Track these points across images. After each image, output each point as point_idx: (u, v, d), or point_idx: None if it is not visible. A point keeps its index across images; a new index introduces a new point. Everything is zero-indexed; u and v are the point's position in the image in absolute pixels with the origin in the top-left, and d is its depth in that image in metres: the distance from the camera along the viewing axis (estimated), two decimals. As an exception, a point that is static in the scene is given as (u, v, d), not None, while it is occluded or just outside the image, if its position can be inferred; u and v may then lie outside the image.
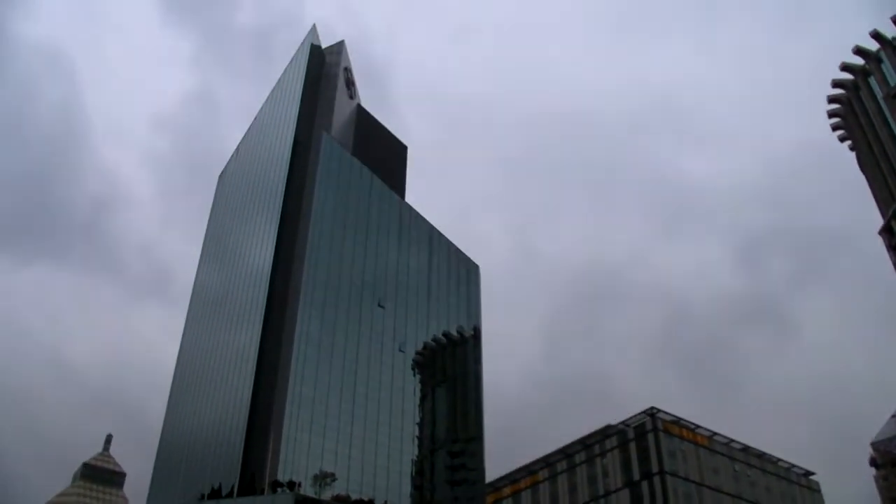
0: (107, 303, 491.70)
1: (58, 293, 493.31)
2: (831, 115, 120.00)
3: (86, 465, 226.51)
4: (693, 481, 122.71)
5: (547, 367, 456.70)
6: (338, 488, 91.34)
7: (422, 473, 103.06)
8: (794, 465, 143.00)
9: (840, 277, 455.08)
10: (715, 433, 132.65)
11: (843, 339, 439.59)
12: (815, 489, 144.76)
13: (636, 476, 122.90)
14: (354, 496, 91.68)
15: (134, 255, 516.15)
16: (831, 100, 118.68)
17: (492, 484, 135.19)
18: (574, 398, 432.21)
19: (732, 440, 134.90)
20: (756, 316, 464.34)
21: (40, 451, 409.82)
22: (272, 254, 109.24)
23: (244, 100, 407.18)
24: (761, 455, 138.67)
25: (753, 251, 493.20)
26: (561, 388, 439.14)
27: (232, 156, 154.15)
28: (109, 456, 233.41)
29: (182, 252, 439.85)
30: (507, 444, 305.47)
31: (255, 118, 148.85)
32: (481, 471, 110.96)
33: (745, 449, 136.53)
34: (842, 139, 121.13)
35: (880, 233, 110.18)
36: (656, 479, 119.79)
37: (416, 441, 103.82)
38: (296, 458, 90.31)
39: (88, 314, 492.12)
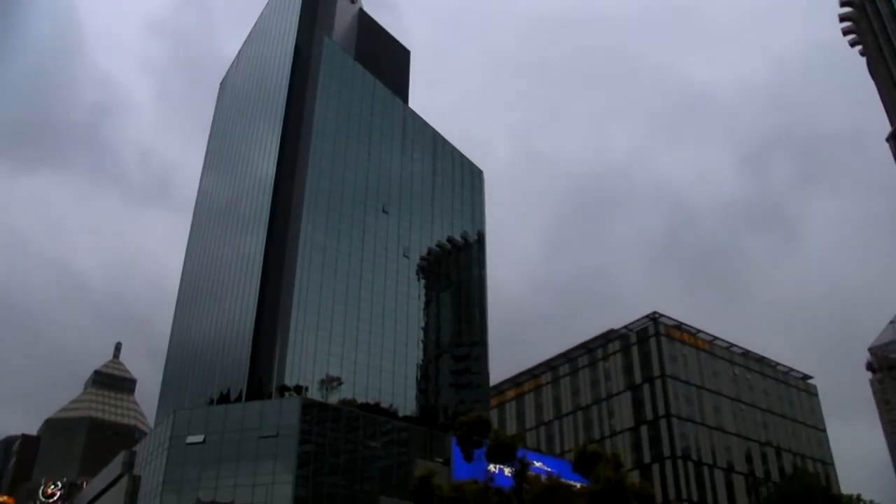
0: (109, 210, 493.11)
1: (58, 201, 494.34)
2: (843, 18, 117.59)
3: (97, 373, 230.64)
4: (693, 384, 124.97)
5: (549, 271, 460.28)
6: (344, 392, 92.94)
7: (427, 377, 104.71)
8: (792, 369, 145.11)
9: (845, 183, 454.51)
10: (716, 338, 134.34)
11: (845, 245, 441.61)
12: (812, 392, 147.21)
13: (638, 379, 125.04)
14: (360, 400, 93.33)
15: (134, 162, 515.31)
16: (844, 2, 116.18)
17: (496, 387, 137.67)
18: (576, 302, 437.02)
19: (733, 345, 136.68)
20: (759, 221, 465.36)
21: (51, 360, 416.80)
22: (275, 161, 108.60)
23: (243, 5, 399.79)
24: (761, 359, 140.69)
25: (758, 155, 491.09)
26: (563, 292, 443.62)
27: (232, 63, 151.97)
28: (120, 363, 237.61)
29: (183, 158, 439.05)
30: (510, 349, 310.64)
31: (255, 24, 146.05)
32: (485, 374, 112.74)
33: (745, 353, 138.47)
34: (853, 44, 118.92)
35: (887, 140, 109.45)
36: (657, 383, 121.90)
37: (421, 345, 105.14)
38: (302, 363, 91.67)
39: (91, 222, 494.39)
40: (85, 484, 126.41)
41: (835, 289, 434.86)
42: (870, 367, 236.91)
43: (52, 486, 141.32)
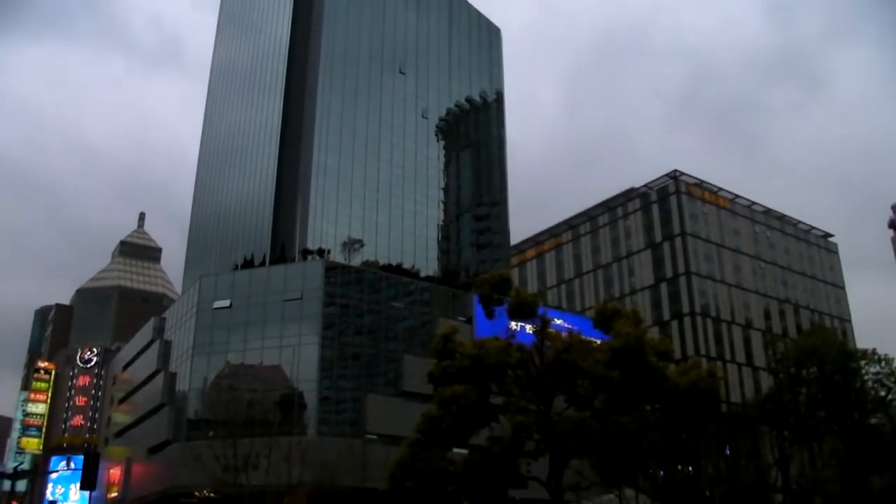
0: (120, 76, 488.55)
1: (67, 69, 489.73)
2: None
3: (123, 243, 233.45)
4: (714, 242, 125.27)
5: (569, 130, 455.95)
6: (366, 254, 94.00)
7: (448, 237, 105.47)
8: (813, 227, 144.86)
9: (875, 32, 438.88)
10: (737, 196, 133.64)
11: (873, 98, 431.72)
12: (832, 250, 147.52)
13: (658, 238, 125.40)
14: (382, 261, 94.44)
15: (143, 25, 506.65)
16: None
17: (516, 246, 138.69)
18: (596, 161, 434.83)
19: (754, 203, 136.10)
20: (785, 72, 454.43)
21: (77, 232, 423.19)
22: (289, 25, 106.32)
23: None
24: (781, 217, 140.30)
25: (784, 2, 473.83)
26: (583, 150, 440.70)
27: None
28: (144, 232, 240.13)
29: (194, 21, 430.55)
30: (530, 208, 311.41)
31: None
32: (506, 234, 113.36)
33: (766, 211, 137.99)
34: None
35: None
36: (678, 241, 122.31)
37: (442, 206, 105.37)
38: (324, 227, 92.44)
39: (103, 90, 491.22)
40: (119, 349, 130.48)
41: (861, 144, 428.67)
42: (892, 224, 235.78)
43: (89, 352, 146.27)
